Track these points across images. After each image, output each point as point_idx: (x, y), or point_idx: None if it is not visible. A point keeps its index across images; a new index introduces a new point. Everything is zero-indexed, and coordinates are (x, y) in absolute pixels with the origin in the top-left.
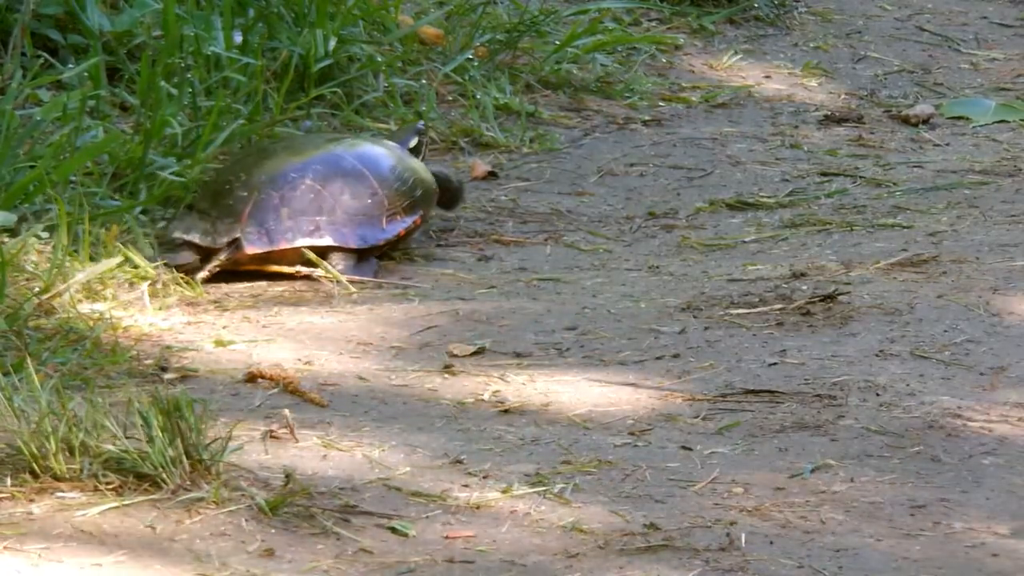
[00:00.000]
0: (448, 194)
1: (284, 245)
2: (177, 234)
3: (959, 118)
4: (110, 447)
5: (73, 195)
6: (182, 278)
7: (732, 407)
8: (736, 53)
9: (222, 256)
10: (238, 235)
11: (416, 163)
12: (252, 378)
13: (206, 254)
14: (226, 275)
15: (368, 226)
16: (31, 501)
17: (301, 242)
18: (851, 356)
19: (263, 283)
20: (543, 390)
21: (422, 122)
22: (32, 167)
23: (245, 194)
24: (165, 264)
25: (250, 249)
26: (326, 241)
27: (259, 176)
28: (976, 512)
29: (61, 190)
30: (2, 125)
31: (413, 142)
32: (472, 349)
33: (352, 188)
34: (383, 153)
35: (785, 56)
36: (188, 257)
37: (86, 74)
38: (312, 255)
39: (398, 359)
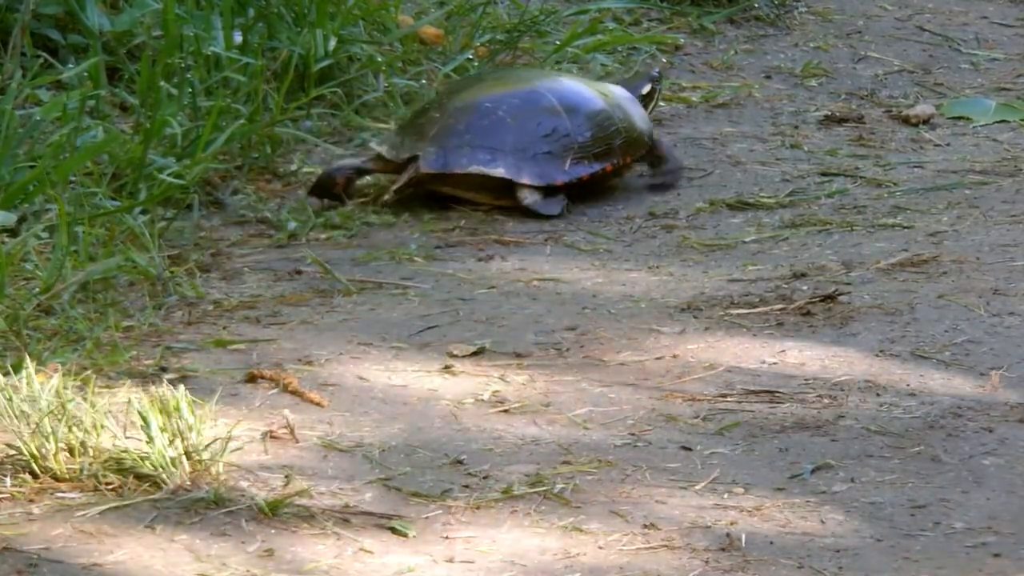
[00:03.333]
0: (659, 159)
1: (457, 169)
2: (372, 144)
3: (959, 118)
4: (110, 447)
5: (73, 195)
6: (182, 274)
7: (732, 407)
8: (736, 53)
9: (404, 175)
10: (418, 153)
11: (634, 112)
12: (252, 378)
13: (392, 168)
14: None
15: (549, 164)
16: (31, 501)
17: (474, 169)
18: (851, 356)
19: (263, 283)
20: (543, 390)
21: (657, 69)
22: (32, 167)
23: (437, 116)
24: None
25: (425, 168)
26: (499, 172)
27: (456, 102)
28: (976, 512)
29: (61, 190)
30: (2, 125)
31: (646, 89)
32: (472, 349)
33: (541, 126)
34: (590, 97)
35: (785, 56)
36: (352, 165)
37: (86, 74)
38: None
39: (398, 359)
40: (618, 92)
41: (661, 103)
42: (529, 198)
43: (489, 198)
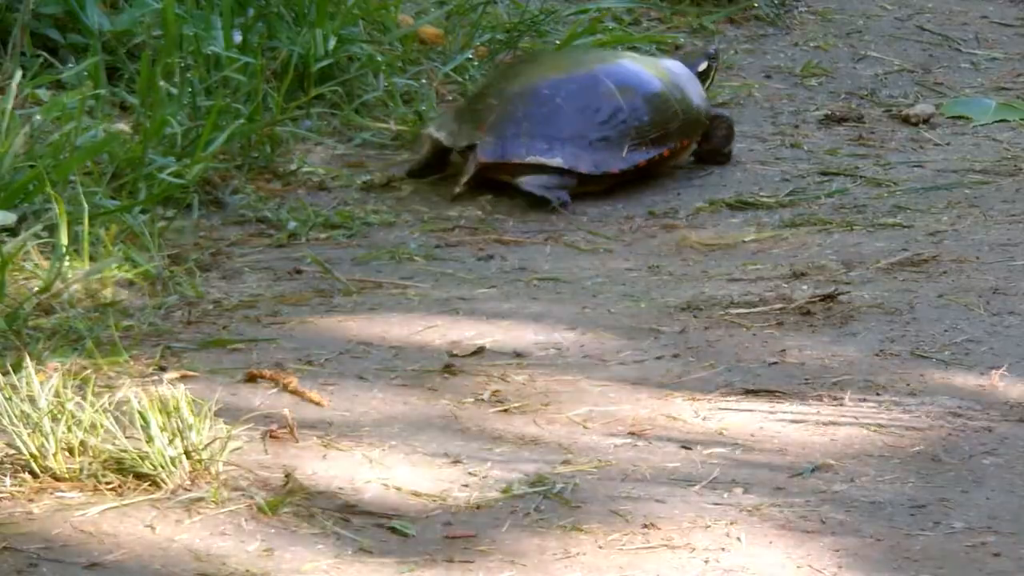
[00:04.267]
0: (718, 131)
1: (514, 159)
2: (429, 129)
3: (959, 118)
4: (110, 447)
5: (73, 195)
6: (182, 274)
7: (732, 407)
8: (736, 53)
9: (468, 169)
10: (476, 142)
11: (691, 91)
12: (252, 378)
13: (446, 153)
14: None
15: (607, 152)
16: (31, 501)
17: (532, 159)
18: (851, 356)
19: (263, 283)
20: (543, 390)
21: (714, 46)
22: (32, 167)
23: (495, 103)
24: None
25: (482, 157)
26: (556, 162)
27: (513, 87)
28: (976, 512)
29: (61, 190)
30: (2, 125)
31: (703, 66)
32: (472, 349)
33: (599, 112)
34: (648, 79)
35: (785, 56)
36: (420, 151)
37: (86, 74)
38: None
39: (398, 359)
40: (676, 70)
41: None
42: (535, 182)
43: (525, 182)
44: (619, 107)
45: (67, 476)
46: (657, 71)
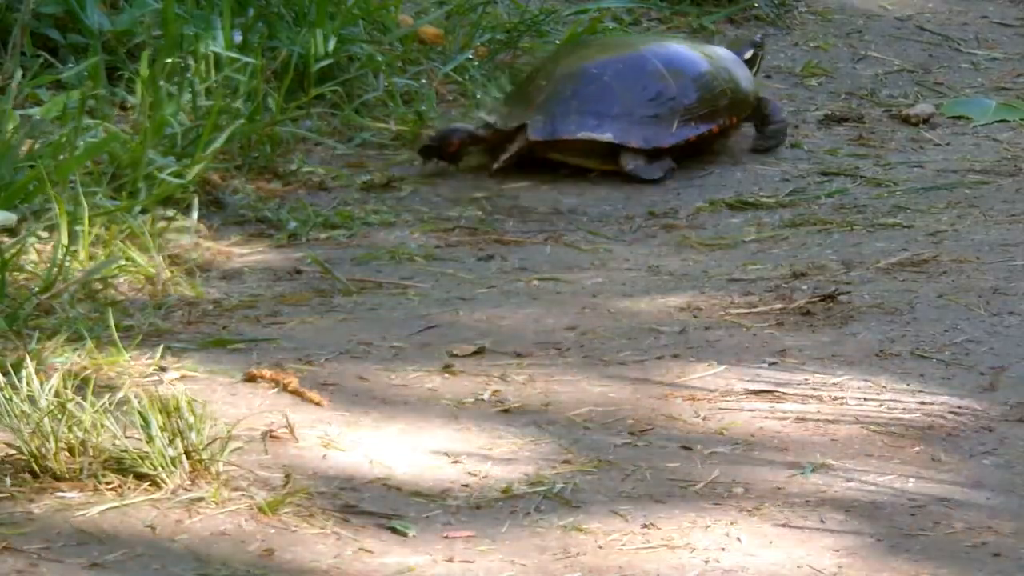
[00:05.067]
0: (764, 118)
1: (565, 136)
2: (481, 113)
3: (959, 118)
4: (110, 447)
5: (73, 195)
6: (182, 274)
7: (732, 407)
8: None
9: (514, 145)
10: (526, 122)
11: (739, 73)
12: (252, 378)
13: (500, 137)
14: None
15: (656, 128)
16: (31, 501)
17: (582, 135)
18: (851, 356)
19: (263, 283)
20: (543, 390)
21: (760, 35)
22: (32, 167)
23: (544, 83)
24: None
25: (533, 136)
26: (607, 137)
27: (561, 69)
28: (976, 512)
29: (61, 190)
30: (2, 125)
31: (748, 53)
32: (472, 349)
33: (648, 90)
34: (696, 59)
35: (785, 56)
36: (467, 129)
37: (86, 74)
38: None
39: (398, 359)
40: (723, 54)
41: None
42: (631, 164)
43: (597, 163)
44: (667, 84)
45: (67, 476)
46: (704, 53)
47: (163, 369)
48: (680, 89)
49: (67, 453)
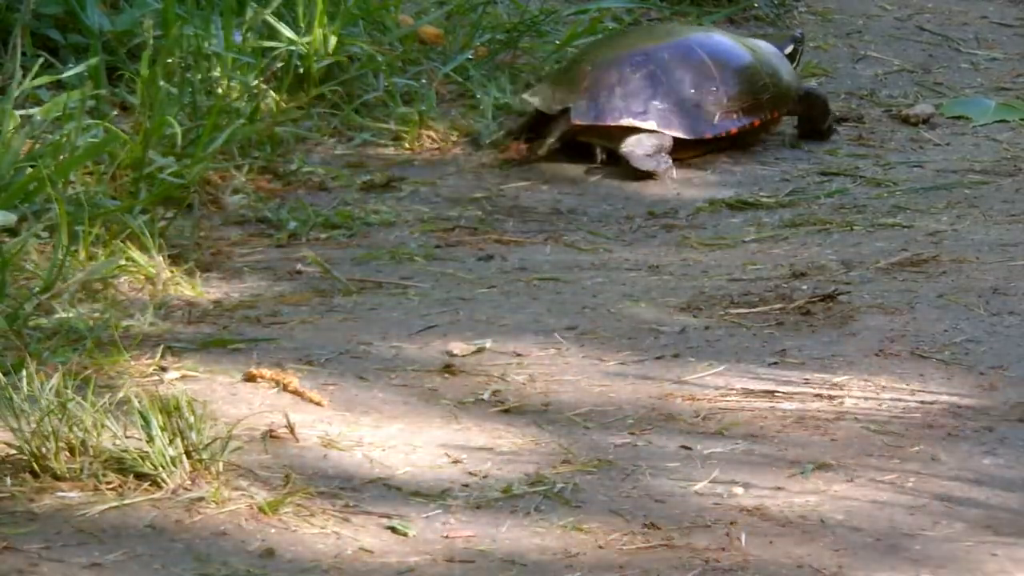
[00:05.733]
0: (813, 109)
1: (609, 121)
2: (524, 96)
3: (959, 118)
4: (110, 447)
5: (73, 195)
6: (182, 274)
7: (732, 407)
8: None
9: (557, 130)
10: (570, 105)
11: (781, 66)
12: (252, 378)
13: (544, 120)
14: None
15: (699, 118)
16: (31, 500)
17: (626, 121)
18: (851, 356)
19: (263, 283)
20: (543, 390)
21: (800, 30)
22: (32, 167)
23: (589, 69)
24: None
25: (577, 120)
26: (650, 124)
27: (607, 56)
28: (976, 512)
29: (61, 190)
30: (2, 125)
31: (789, 48)
32: (472, 349)
33: (692, 80)
34: (740, 51)
35: None
36: (517, 129)
37: (86, 74)
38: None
39: (398, 359)
40: (766, 47)
41: None
42: (631, 148)
43: (619, 145)
44: (711, 75)
45: (68, 476)
46: (747, 46)
47: (163, 369)
48: (724, 81)
49: (67, 453)
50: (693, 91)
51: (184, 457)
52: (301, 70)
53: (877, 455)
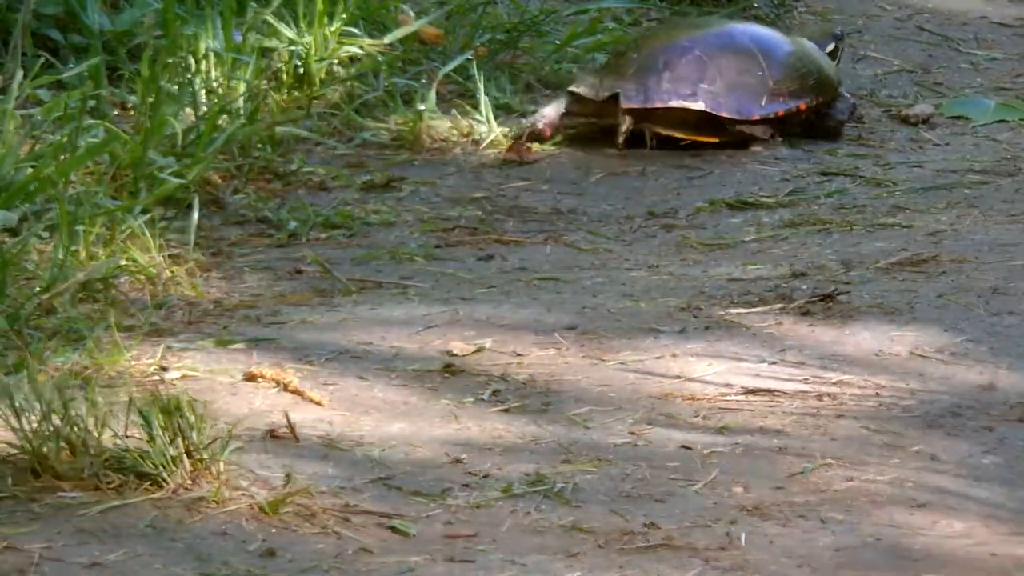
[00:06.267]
0: (834, 111)
1: (658, 104)
2: (571, 87)
3: (959, 118)
4: (111, 446)
5: (73, 195)
6: (182, 274)
7: (732, 407)
8: None
9: (624, 123)
10: (618, 91)
11: (822, 59)
12: (252, 378)
13: (591, 108)
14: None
15: (746, 100)
16: (32, 500)
17: (675, 103)
18: (851, 356)
19: (263, 283)
20: (543, 390)
21: (840, 28)
22: (33, 167)
23: (635, 56)
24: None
25: (626, 104)
26: (699, 106)
27: (653, 44)
28: (976, 512)
29: (62, 190)
30: (3, 125)
31: (830, 46)
32: (472, 349)
33: (739, 63)
34: (782, 40)
35: None
36: (554, 114)
37: (86, 74)
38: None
39: (398, 359)
40: (807, 42)
41: None
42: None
43: (688, 133)
44: (757, 60)
45: (68, 475)
46: (788, 38)
47: (164, 369)
48: (769, 64)
49: (68, 452)
50: (740, 74)
51: (184, 457)
52: (301, 70)
53: (877, 455)
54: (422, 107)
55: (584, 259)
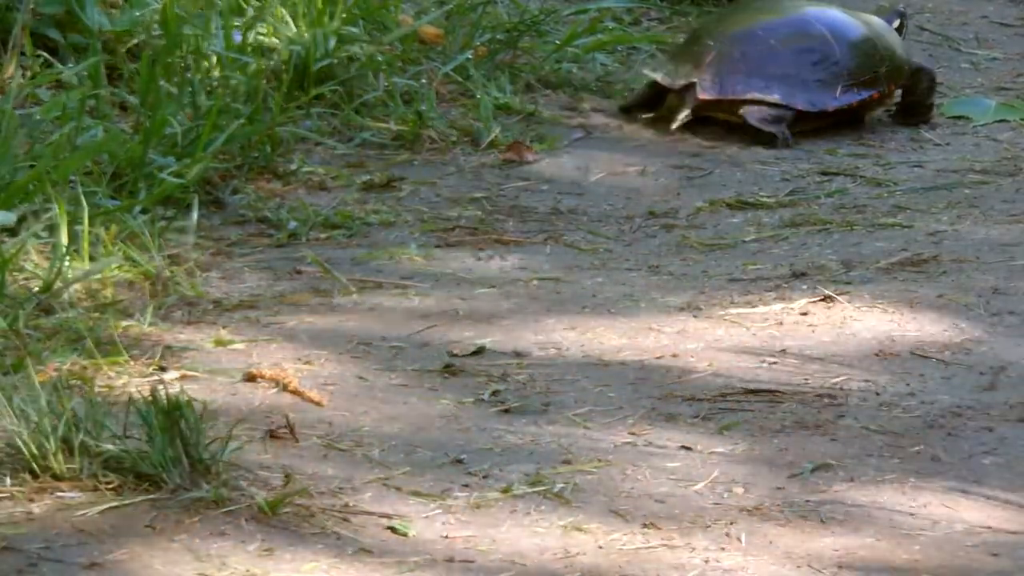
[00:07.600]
0: (920, 83)
1: (732, 96)
2: (645, 71)
3: (959, 117)
4: (110, 447)
5: (73, 195)
6: (182, 274)
7: (732, 407)
8: None
9: (686, 108)
10: (694, 80)
11: (893, 40)
12: (252, 378)
13: (665, 94)
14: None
15: (820, 92)
16: (31, 500)
17: (751, 95)
18: (851, 356)
19: (263, 283)
20: (543, 390)
21: (903, 3)
22: (32, 167)
23: (711, 43)
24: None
25: (701, 95)
26: (774, 97)
27: (728, 30)
28: (976, 512)
29: (61, 190)
30: (2, 125)
31: (896, 23)
32: (472, 349)
33: (813, 53)
34: (856, 26)
35: None
36: (640, 97)
37: (86, 73)
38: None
39: (398, 359)
40: (878, 21)
41: None
42: (758, 116)
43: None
44: (831, 49)
45: (67, 476)
46: (861, 20)
47: (163, 369)
48: (843, 54)
49: (67, 453)
50: (814, 64)
51: (184, 457)
52: (301, 70)
53: (877, 455)
54: (422, 107)
55: (584, 259)
